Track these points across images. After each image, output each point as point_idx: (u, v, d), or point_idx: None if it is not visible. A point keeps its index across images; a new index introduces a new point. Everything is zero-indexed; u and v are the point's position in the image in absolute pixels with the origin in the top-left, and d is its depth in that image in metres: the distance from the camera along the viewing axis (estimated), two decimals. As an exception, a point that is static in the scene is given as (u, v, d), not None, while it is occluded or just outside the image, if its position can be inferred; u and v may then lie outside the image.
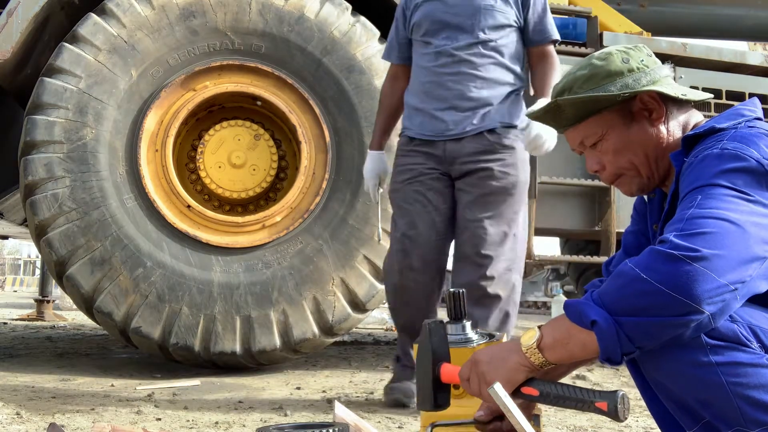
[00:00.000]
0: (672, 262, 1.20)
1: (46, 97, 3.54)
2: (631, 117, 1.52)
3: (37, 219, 3.50)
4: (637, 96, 1.50)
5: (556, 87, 1.58)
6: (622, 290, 1.24)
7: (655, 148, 1.53)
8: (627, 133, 1.52)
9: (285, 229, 3.70)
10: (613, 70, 1.51)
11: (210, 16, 3.71)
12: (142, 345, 3.65)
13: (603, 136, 1.53)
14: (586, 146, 1.57)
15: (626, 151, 1.53)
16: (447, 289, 1.49)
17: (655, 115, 1.52)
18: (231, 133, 3.79)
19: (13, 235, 7.65)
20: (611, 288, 1.26)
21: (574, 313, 1.27)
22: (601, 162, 1.57)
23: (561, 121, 1.58)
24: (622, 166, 1.55)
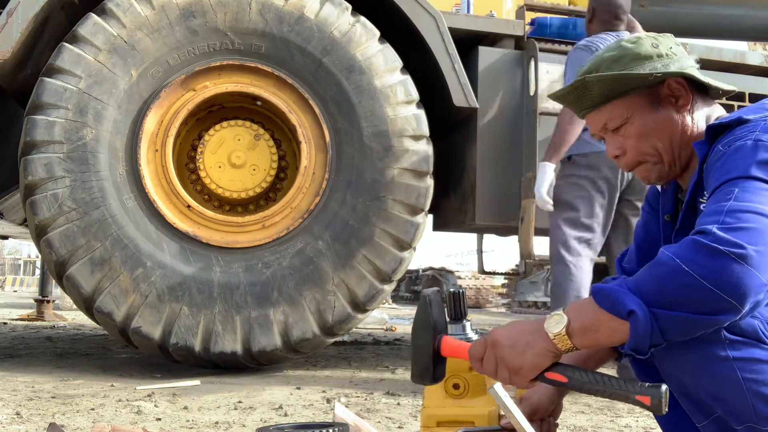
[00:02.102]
0: (717, 257, 1.16)
1: (46, 97, 3.54)
2: (658, 102, 1.50)
3: (37, 219, 3.50)
4: (665, 81, 1.48)
5: (581, 69, 1.55)
6: (662, 282, 1.19)
7: (680, 136, 1.50)
8: (653, 118, 1.50)
9: (285, 229, 3.70)
10: (642, 53, 1.49)
11: (210, 16, 3.71)
12: (142, 345, 3.65)
13: (628, 119, 1.50)
14: (609, 130, 1.53)
15: (651, 136, 1.50)
16: (447, 290, 1.48)
17: (682, 102, 1.50)
18: (231, 133, 3.79)
19: (13, 235, 7.65)
20: (649, 277, 1.21)
21: (606, 300, 1.23)
22: (622, 146, 1.53)
23: (585, 101, 1.54)
24: (645, 152, 1.52)
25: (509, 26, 4.37)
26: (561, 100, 1.58)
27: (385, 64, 3.83)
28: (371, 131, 3.77)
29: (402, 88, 3.83)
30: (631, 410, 2.97)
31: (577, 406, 2.99)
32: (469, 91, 4.05)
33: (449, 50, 4.01)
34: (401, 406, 2.93)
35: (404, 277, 17.39)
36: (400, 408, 2.89)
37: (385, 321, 7.88)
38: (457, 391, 1.51)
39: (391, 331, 7.46)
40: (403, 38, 4.03)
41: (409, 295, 20.38)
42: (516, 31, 4.36)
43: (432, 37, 3.97)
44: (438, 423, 1.50)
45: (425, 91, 4.01)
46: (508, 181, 4.20)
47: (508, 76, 4.28)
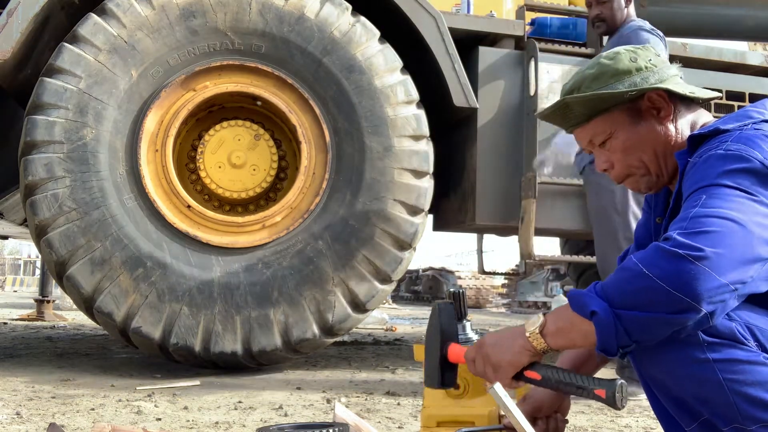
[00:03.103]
0: (674, 260, 1.21)
1: (46, 97, 3.54)
2: (639, 115, 1.53)
3: (37, 219, 3.50)
4: (645, 94, 1.51)
5: (565, 86, 1.59)
6: (624, 284, 1.25)
7: (663, 146, 1.53)
8: (635, 132, 1.53)
9: (285, 229, 3.70)
10: (621, 68, 1.52)
11: (210, 16, 3.71)
12: (142, 345, 3.65)
13: (611, 134, 1.54)
14: (595, 145, 1.58)
15: (635, 149, 1.54)
16: (447, 290, 1.49)
17: (663, 113, 1.53)
18: (231, 133, 3.79)
19: (13, 235, 7.65)
20: (614, 281, 1.27)
21: (576, 303, 1.30)
22: (609, 160, 1.57)
23: (569, 120, 1.58)
24: (631, 165, 1.55)
25: (509, 26, 4.37)
26: (547, 119, 1.63)
27: (385, 64, 3.83)
28: (371, 131, 3.77)
29: (402, 88, 3.84)
30: (631, 410, 2.97)
31: (577, 406, 2.99)
32: (469, 91, 4.05)
33: (449, 50, 4.01)
34: (401, 406, 2.93)
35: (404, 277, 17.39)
36: (400, 408, 2.89)
37: (385, 321, 7.88)
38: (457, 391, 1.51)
39: (391, 331, 7.46)
40: (403, 38, 4.03)
41: (409, 295, 20.38)
42: (516, 31, 4.36)
43: (432, 37, 3.97)
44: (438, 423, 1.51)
45: (425, 91, 4.01)
46: (508, 181, 4.20)
47: (508, 76, 4.27)
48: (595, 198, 3.43)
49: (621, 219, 3.33)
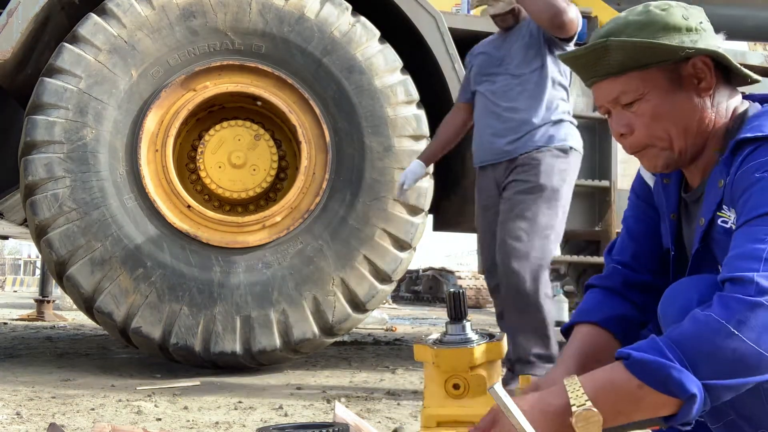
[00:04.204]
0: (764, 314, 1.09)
1: (47, 97, 3.54)
2: (679, 81, 1.35)
3: (38, 219, 3.50)
4: (690, 59, 1.33)
5: (602, 27, 1.38)
6: (713, 351, 1.10)
7: (697, 123, 1.36)
8: (670, 99, 1.34)
9: (285, 229, 3.70)
10: (671, 23, 1.33)
11: (210, 16, 3.71)
12: (142, 345, 3.65)
13: (643, 95, 1.34)
14: (620, 104, 1.37)
15: (665, 118, 1.35)
16: (447, 290, 1.48)
17: (704, 85, 1.35)
18: (231, 133, 3.79)
19: (13, 235, 7.66)
20: (696, 346, 1.11)
21: (656, 377, 1.11)
22: (631, 125, 1.37)
23: (600, 68, 1.37)
24: (655, 135, 1.37)
25: (509, 26, 4.37)
26: (571, 62, 1.42)
27: (385, 64, 3.83)
28: (371, 131, 3.77)
29: (402, 88, 3.84)
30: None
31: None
32: (469, 91, 4.04)
33: (449, 50, 4.01)
34: (401, 406, 2.93)
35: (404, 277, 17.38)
36: (400, 408, 2.89)
37: (385, 321, 7.88)
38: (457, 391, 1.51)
39: (391, 331, 7.46)
40: (403, 38, 4.03)
41: (409, 295, 20.37)
42: (516, 31, 4.35)
43: (432, 37, 3.98)
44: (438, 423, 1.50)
45: (425, 91, 4.01)
46: (508, 181, 4.19)
47: (508, 76, 4.26)
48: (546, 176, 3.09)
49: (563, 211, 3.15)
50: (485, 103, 3.23)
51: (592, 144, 4.30)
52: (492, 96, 3.20)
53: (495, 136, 3.17)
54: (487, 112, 3.22)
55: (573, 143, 3.18)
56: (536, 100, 3.14)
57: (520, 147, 3.12)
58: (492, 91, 3.21)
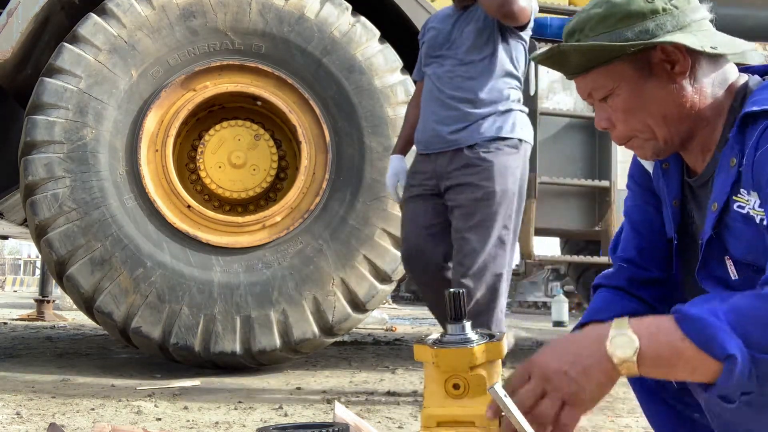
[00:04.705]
0: None
1: (47, 97, 3.54)
2: (649, 69, 1.27)
3: (38, 219, 3.50)
4: (657, 45, 1.24)
5: (567, 26, 1.34)
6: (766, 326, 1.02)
7: (676, 109, 1.27)
8: (642, 89, 1.27)
9: (285, 229, 3.70)
10: (633, 10, 1.24)
11: (210, 16, 3.71)
12: (142, 345, 3.65)
13: (613, 90, 1.28)
14: (595, 99, 1.33)
15: (640, 110, 1.28)
16: (447, 290, 1.48)
17: (678, 69, 1.26)
18: (231, 133, 3.79)
19: (13, 235, 7.66)
20: (754, 315, 1.03)
21: (700, 333, 1.03)
22: (610, 119, 1.32)
23: (567, 68, 1.33)
24: (634, 127, 1.30)
25: (509, 26, 4.37)
26: (542, 64, 1.38)
27: (385, 64, 3.83)
28: (371, 131, 3.77)
29: (402, 88, 3.84)
30: (631, 410, 2.97)
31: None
32: (469, 91, 4.04)
33: (449, 50, 4.00)
34: (401, 406, 2.93)
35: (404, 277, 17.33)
36: (400, 408, 2.89)
37: (385, 321, 7.88)
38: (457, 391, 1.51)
39: (391, 331, 7.46)
40: (403, 38, 4.03)
41: (409, 295, 20.36)
42: (516, 31, 4.35)
43: (432, 37, 3.97)
44: (438, 423, 1.50)
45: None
46: (508, 181, 4.19)
47: (508, 76, 4.27)
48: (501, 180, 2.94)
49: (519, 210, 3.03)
50: (431, 88, 3.04)
51: (592, 144, 4.31)
52: (437, 81, 3.01)
53: (439, 123, 2.98)
54: (432, 97, 3.03)
55: (522, 134, 3.02)
56: (483, 89, 2.96)
57: (466, 137, 2.93)
58: (438, 76, 3.01)
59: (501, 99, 2.99)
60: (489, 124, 2.94)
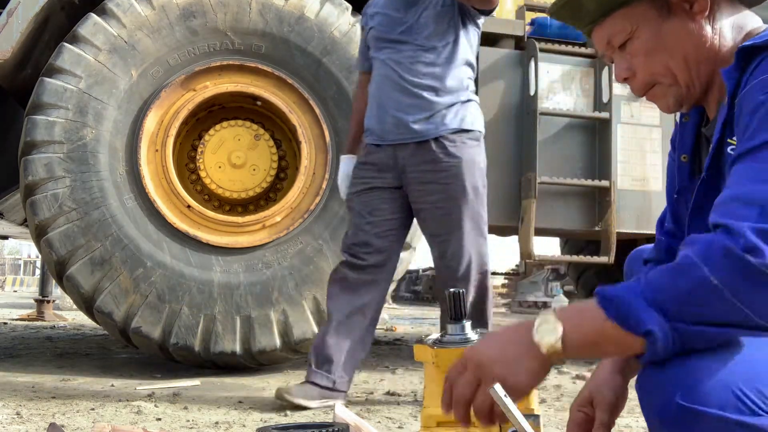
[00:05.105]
0: (756, 278, 0.98)
1: (46, 97, 3.54)
2: (668, 9, 1.24)
3: (37, 219, 3.50)
4: None
5: None
6: (686, 295, 1.02)
7: (696, 50, 1.24)
8: (661, 30, 1.24)
9: (285, 229, 3.70)
10: None
11: (210, 16, 3.71)
12: (142, 345, 3.65)
13: (633, 33, 1.26)
14: (614, 47, 1.29)
15: (660, 51, 1.25)
16: (447, 290, 1.48)
17: (698, 8, 1.23)
18: (231, 133, 3.79)
19: (13, 235, 7.65)
20: (669, 287, 1.03)
21: (617, 312, 1.05)
22: (631, 67, 1.29)
23: (583, 17, 1.30)
24: (655, 72, 1.27)
25: (509, 26, 4.37)
26: (556, 16, 1.36)
27: (385, 64, 3.83)
28: (371, 131, 3.77)
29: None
30: (631, 410, 2.97)
31: (577, 406, 2.99)
32: (469, 91, 4.04)
33: (449, 50, 4.00)
34: (401, 406, 2.93)
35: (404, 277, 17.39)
36: (400, 408, 2.89)
37: (385, 321, 7.88)
38: (457, 391, 1.51)
39: (391, 331, 7.47)
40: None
41: (409, 295, 20.38)
42: (516, 31, 4.36)
43: (432, 37, 3.98)
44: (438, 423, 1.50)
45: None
46: (508, 181, 4.20)
47: (508, 76, 4.27)
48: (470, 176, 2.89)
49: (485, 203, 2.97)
50: (388, 74, 2.89)
51: (592, 144, 4.31)
52: (397, 66, 2.87)
53: (400, 111, 2.85)
54: (391, 83, 2.88)
55: (481, 126, 2.96)
56: (448, 77, 2.86)
57: (431, 129, 2.84)
58: (397, 61, 2.88)
59: (462, 88, 2.91)
60: (453, 115, 2.86)
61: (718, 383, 1.04)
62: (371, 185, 2.94)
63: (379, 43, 2.95)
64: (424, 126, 2.84)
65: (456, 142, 2.85)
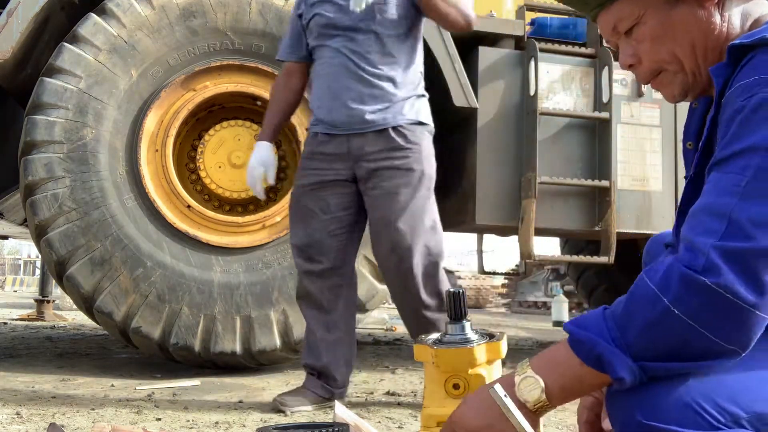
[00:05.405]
0: (708, 297, 0.99)
1: (46, 97, 3.54)
2: None
3: (37, 219, 3.50)
4: None
5: None
6: (649, 331, 1.04)
7: (704, 37, 1.21)
8: (669, 16, 1.22)
9: (285, 229, 3.70)
10: None
11: (210, 16, 3.71)
12: (142, 345, 3.65)
13: (640, 18, 1.23)
14: (620, 33, 1.27)
15: (667, 38, 1.22)
16: (447, 290, 1.48)
17: None
18: (231, 133, 3.79)
19: (13, 235, 7.65)
20: (634, 321, 1.06)
21: (590, 357, 1.08)
22: (636, 53, 1.27)
23: (591, 1, 1.28)
24: (662, 59, 1.25)
25: (509, 26, 4.37)
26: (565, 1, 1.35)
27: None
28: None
29: (402, 88, 3.83)
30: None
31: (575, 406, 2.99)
32: (469, 92, 4.05)
33: (449, 50, 4.00)
34: (401, 406, 2.93)
35: (404, 277, 17.31)
36: (400, 408, 2.89)
37: (385, 321, 7.88)
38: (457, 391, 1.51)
39: (391, 331, 7.46)
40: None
41: (409, 295, 20.34)
42: (516, 31, 4.36)
43: (432, 37, 3.97)
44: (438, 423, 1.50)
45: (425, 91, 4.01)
46: (508, 181, 4.20)
47: (508, 76, 4.28)
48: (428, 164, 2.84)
49: None
50: (343, 62, 2.78)
51: (592, 144, 4.31)
52: (352, 55, 2.76)
53: (357, 102, 2.76)
54: (346, 72, 2.77)
55: (432, 123, 2.91)
56: (406, 69, 2.81)
57: (389, 118, 2.75)
58: (352, 50, 2.77)
59: (418, 81, 2.87)
60: (410, 107, 2.79)
61: (677, 399, 1.05)
62: (322, 178, 2.83)
63: (329, 30, 2.81)
64: (382, 115, 2.75)
65: (415, 132, 2.79)
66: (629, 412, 1.08)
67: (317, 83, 2.88)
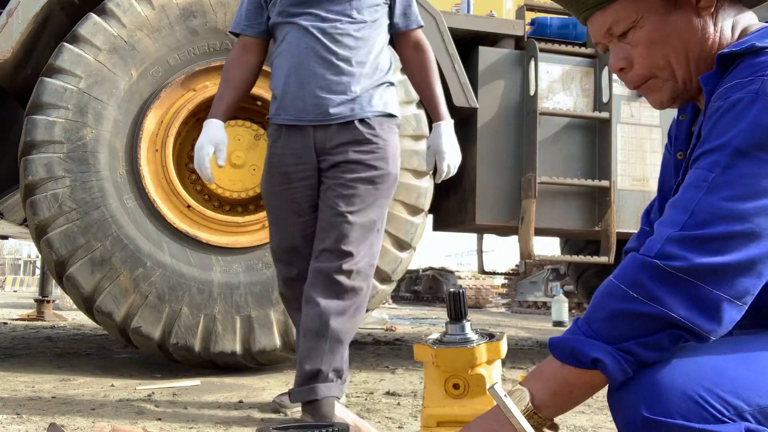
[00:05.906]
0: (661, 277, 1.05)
1: (46, 97, 3.54)
2: (675, 1, 1.22)
3: (37, 219, 3.50)
4: None
5: None
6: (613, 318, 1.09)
7: (698, 46, 1.22)
8: (667, 22, 1.22)
9: (285, 229, 3.70)
10: None
11: (210, 16, 3.71)
12: (142, 345, 3.65)
13: (637, 22, 1.23)
14: (614, 36, 1.26)
15: (663, 44, 1.22)
16: (447, 290, 1.48)
17: (704, 3, 1.21)
18: (231, 133, 3.79)
19: (13, 235, 7.66)
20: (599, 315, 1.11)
21: (565, 352, 1.12)
22: (629, 57, 1.26)
23: (587, 1, 1.26)
24: (655, 64, 1.24)
25: (509, 26, 4.38)
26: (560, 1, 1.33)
27: (385, 64, 3.82)
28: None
29: (402, 88, 3.83)
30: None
31: (577, 407, 2.99)
32: (469, 91, 4.05)
33: (449, 50, 4.01)
34: (401, 406, 2.93)
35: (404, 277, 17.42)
36: (400, 408, 2.89)
37: (385, 321, 7.89)
38: (457, 391, 1.51)
39: (391, 331, 7.47)
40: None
41: (409, 295, 20.38)
42: (516, 31, 4.36)
43: (432, 37, 3.98)
44: (438, 423, 1.50)
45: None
46: (508, 181, 4.20)
47: (508, 76, 4.28)
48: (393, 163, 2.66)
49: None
50: (310, 44, 2.55)
51: (592, 144, 4.31)
52: (323, 37, 2.54)
53: (325, 91, 2.55)
54: (315, 56, 2.55)
55: (399, 114, 2.73)
56: (377, 56, 2.62)
57: (356, 110, 2.56)
58: (322, 30, 2.54)
59: (387, 69, 2.67)
60: (378, 98, 2.61)
61: (680, 393, 1.06)
62: (291, 176, 2.63)
63: (295, 7, 2.58)
64: (349, 106, 2.56)
65: (383, 125, 2.61)
66: (633, 408, 1.09)
67: (280, 65, 2.63)
